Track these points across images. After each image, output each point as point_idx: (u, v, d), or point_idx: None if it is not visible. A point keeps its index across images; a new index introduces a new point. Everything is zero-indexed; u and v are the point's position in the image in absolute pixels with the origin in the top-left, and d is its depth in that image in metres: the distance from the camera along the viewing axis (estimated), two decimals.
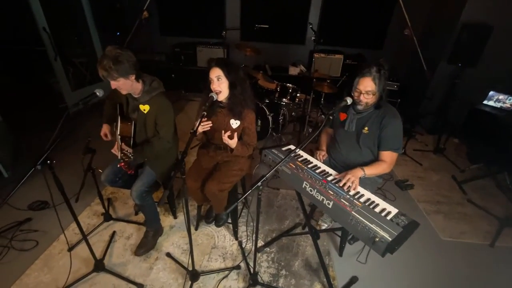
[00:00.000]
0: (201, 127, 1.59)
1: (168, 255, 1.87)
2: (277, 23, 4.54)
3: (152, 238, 1.91)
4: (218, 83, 1.59)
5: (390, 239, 1.11)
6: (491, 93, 3.38)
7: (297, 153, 1.67)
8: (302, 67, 4.68)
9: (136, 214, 2.20)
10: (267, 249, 1.98)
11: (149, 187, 1.77)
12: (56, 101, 3.73)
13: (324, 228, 2.18)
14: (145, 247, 1.87)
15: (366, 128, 1.65)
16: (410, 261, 1.93)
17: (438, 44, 3.73)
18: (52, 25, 3.38)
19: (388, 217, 1.24)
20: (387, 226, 1.17)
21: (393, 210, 1.31)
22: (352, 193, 1.40)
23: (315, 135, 1.58)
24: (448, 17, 3.59)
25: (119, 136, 1.69)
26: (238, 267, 1.82)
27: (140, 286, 1.66)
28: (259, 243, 1.99)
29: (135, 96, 1.66)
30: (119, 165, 1.68)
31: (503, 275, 1.92)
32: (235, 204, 1.22)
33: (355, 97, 1.61)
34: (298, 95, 3.29)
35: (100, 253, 1.85)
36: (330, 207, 1.33)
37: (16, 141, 2.81)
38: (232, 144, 1.65)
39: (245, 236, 2.07)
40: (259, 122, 3.11)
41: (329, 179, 1.49)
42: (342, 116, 1.76)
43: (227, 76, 1.59)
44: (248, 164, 1.93)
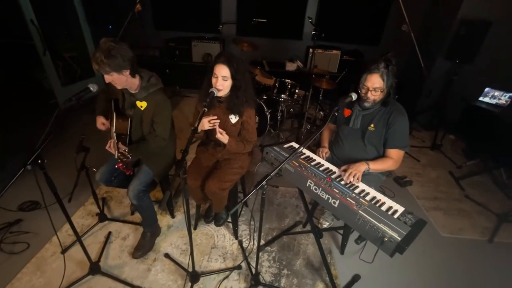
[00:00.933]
0: (208, 125, 1.53)
1: (167, 256, 1.82)
2: (274, 18, 4.46)
3: (150, 239, 1.85)
4: (222, 82, 1.52)
5: (400, 239, 1.08)
6: (486, 89, 3.40)
7: (299, 151, 1.63)
8: (299, 63, 4.63)
9: (132, 213, 2.13)
10: (268, 248, 1.95)
11: (146, 186, 1.71)
12: (46, 97, 3.59)
13: (326, 227, 2.16)
14: (143, 249, 1.80)
15: (372, 125, 1.61)
16: (411, 258, 1.92)
17: (435, 40, 3.72)
18: (40, 17, 3.23)
19: (395, 216, 1.22)
20: (395, 225, 1.14)
21: (400, 208, 1.28)
22: (357, 191, 1.36)
23: (320, 131, 1.53)
24: (446, 13, 3.58)
25: (114, 134, 1.60)
26: (239, 267, 1.78)
27: None
28: None
29: (132, 91, 1.58)
30: (116, 166, 1.60)
31: (502, 271, 1.93)
32: (239, 204, 1.18)
33: (362, 94, 1.56)
34: (297, 91, 3.24)
35: (95, 255, 1.78)
36: (336, 206, 1.30)
37: (4, 139, 2.68)
38: (223, 139, 1.60)
39: (246, 235, 2.02)
40: (257, 119, 3.06)
41: (334, 177, 1.46)
42: (347, 112, 1.72)
43: (233, 77, 1.52)
44: (249, 162, 1.88)
